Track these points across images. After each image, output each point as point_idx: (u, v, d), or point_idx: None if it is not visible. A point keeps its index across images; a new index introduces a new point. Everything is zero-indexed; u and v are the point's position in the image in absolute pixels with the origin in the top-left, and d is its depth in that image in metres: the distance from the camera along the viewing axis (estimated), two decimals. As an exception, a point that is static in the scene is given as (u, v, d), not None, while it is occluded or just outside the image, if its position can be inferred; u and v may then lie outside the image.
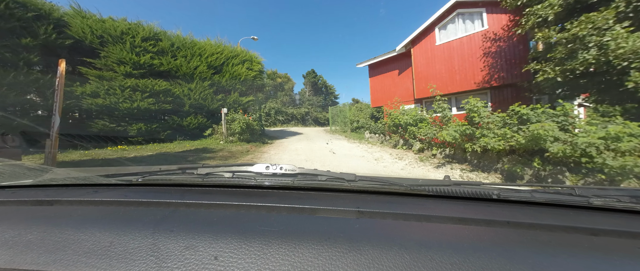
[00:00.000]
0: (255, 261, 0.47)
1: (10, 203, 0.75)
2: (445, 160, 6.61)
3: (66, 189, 0.88)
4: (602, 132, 3.92)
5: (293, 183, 0.83)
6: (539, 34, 5.61)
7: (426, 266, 0.45)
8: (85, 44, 8.45)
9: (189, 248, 0.50)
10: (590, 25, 4.67)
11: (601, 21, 4.60)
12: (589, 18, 4.72)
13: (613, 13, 4.59)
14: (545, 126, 4.34)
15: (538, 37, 5.69)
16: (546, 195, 0.73)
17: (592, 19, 4.68)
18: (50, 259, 0.49)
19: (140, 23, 9.72)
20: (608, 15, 4.57)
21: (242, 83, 11.78)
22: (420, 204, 0.74)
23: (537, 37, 5.74)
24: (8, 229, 0.58)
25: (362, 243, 0.50)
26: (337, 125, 17.62)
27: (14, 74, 6.62)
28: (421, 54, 10.50)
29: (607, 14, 4.59)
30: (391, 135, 9.90)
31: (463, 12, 9.39)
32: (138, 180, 0.91)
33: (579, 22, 4.85)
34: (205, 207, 0.69)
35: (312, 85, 41.01)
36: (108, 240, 0.53)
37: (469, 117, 6.05)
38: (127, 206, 0.70)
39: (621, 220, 0.63)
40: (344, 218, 0.63)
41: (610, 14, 4.58)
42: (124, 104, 8.80)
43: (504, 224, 0.60)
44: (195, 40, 11.12)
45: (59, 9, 8.28)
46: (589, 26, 4.67)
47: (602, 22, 4.59)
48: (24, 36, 6.93)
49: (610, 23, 4.59)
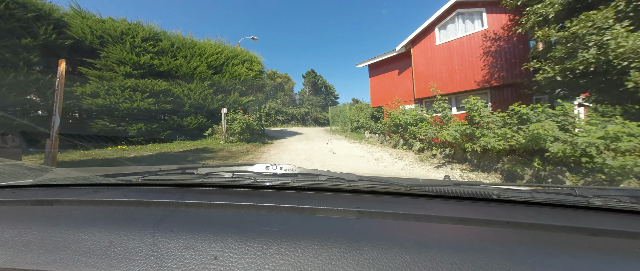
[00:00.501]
0: (255, 261, 0.47)
1: (10, 203, 0.75)
2: (445, 160, 6.61)
3: (66, 189, 0.88)
4: (601, 132, 3.92)
5: (293, 183, 0.83)
6: (540, 32, 5.59)
7: (426, 266, 0.45)
8: (85, 44, 8.45)
9: (188, 248, 0.50)
10: (590, 24, 4.66)
11: (601, 20, 4.59)
12: (588, 16, 4.71)
13: (613, 12, 4.58)
14: (546, 126, 4.33)
15: (538, 35, 5.67)
16: (546, 195, 0.73)
17: (591, 18, 4.67)
18: (50, 259, 0.49)
19: (140, 23, 9.73)
20: (608, 14, 4.57)
21: (242, 84, 11.78)
22: (420, 204, 0.74)
23: (537, 35, 5.72)
24: (8, 229, 0.58)
25: (362, 243, 0.50)
26: (337, 125, 17.62)
27: (14, 74, 6.62)
28: (421, 54, 10.50)
29: (606, 12, 4.58)
30: (391, 135, 9.90)
31: (463, 12, 9.39)
32: (138, 180, 0.91)
33: (578, 20, 4.84)
34: (205, 207, 0.69)
35: (312, 85, 41.02)
36: (108, 239, 0.53)
37: (469, 117, 6.05)
38: (127, 206, 0.70)
39: (621, 220, 0.63)
40: (344, 218, 0.63)
41: (609, 12, 4.57)
42: (124, 104, 8.80)
43: (504, 224, 0.60)
44: (195, 41, 11.12)
45: (59, 9, 8.29)
46: (589, 25, 4.66)
47: (602, 21, 4.59)
48: (24, 36, 6.93)
49: (610, 22, 4.58)
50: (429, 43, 10.23)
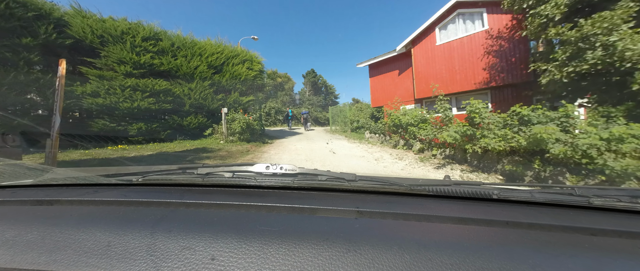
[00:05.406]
0: (255, 261, 0.47)
1: (10, 203, 0.75)
2: (446, 161, 6.61)
3: (66, 189, 0.88)
4: (605, 133, 3.90)
5: (293, 183, 0.82)
6: (553, 30, 5.45)
7: (426, 266, 0.45)
8: (86, 44, 8.45)
9: (187, 249, 0.50)
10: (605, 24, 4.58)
11: (614, 20, 4.52)
12: (602, 16, 4.65)
13: (627, 13, 4.52)
14: (549, 130, 4.32)
15: (550, 34, 5.54)
16: (546, 195, 0.73)
17: (605, 18, 4.60)
18: (50, 259, 0.49)
19: (141, 23, 9.72)
20: (622, 15, 4.51)
21: (243, 83, 11.77)
22: (420, 204, 0.74)
23: (549, 34, 5.58)
24: (8, 229, 0.58)
25: (361, 243, 0.50)
26: (337, 125, 17.61)
27: (15, 74, 6.63)
28: (421, 54, 10.50)
29: (622, 13, 4.52)
30: (391, 135, 9.90)
31: (463, 12, 9.38)
32: (138, 179, 0.91)
33: (593, 20, 4.77)
34: (205, 207, 0.69)
35: (312, 85, 41.00)
36: (108, 239, 0.53)
37: (470, 118, 6.05)
38: (127, 206, 0.70)
39: (621, 220, 0.63)
40: (343, 218, 0.63)
41: (625, 13, 4.52)
42: (124, 104, 8.80)
43: (504, 224, 0.60)
44: (195, 40, 11.11)
45: (60, 8, 8.28)
46: (605, 25, 4.59)
47: (615, 21, 4.53)
48: (25, 36, 6.93)
49: (619, 23, 4.53)
50: (430, 43, 10.23)
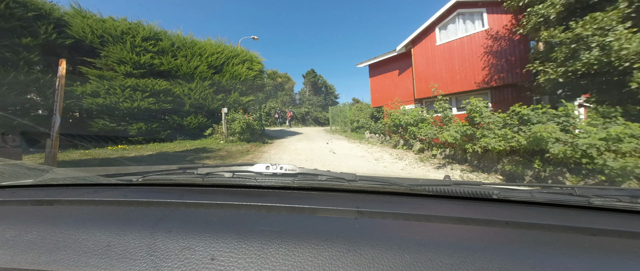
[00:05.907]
0: (255, 261, 0.47)
1: (10, 203, 0.75)
2: (446, 161, 6.61)
3: (66, 189, 0.88)
4: (603, 133, 3.91)
5: (293, 183, 0.82)
6: (545, 33, 5.53)
7: (426, 266, 0.45)
8: (86, 44, 8.45)
9: (186, 249, 0.50)
10: (595, 26, 4.63)
11: (606, 21, 4.56)
12: (594, 18, 4.69)
13: (618, 14, 4.56)
14: (548, 128, 4.32)
15: (543, 36, 5.62)
16: (546, 195, 0.73)
17: (597, 19, 4.64)
18: (50, 259, 0.49)
19: (141, 23, 9.72)
20: (613, 16, 4.55)
21: (243, 83, 11.77)
22: (420, 204, 0.73)
23: (541, 36, 5.66)
24: (8, 229, 0.58)
25: (361, 243, 0.50)
26: (337, 125, 17.60)
27: (15, 74, 6.62)
28: (421, 54, 10.50)
29: (613, 15, 4.56)
30: (391, 135, 9.90)
31: (463, 12, 9.38)
32: (138, 179, 0.91)
33: (584, 21, 4.81)
34: (205, 207, 0.69)
35: (312, 85, 40.98)
36: (108, 239, 0.53)
37: (470, 117, 6.05)
38: (127, 206, 0.70)
39: (621, 220, 0.63)
40: (343, 218, 0.63)
41: (616, 14, 4.55)
42: (124, 104, 8.80)
43: (504, 224, 0.60)
44: (195, 40, 11.11)
45: (59, 8, 8.28)
46: (594, 26, 4.64)
47: (607, 23, 4.56)
48: (25, 36, 6.93)
49: (613, 24, 4.56)
50: (430, 43, 10.22)
